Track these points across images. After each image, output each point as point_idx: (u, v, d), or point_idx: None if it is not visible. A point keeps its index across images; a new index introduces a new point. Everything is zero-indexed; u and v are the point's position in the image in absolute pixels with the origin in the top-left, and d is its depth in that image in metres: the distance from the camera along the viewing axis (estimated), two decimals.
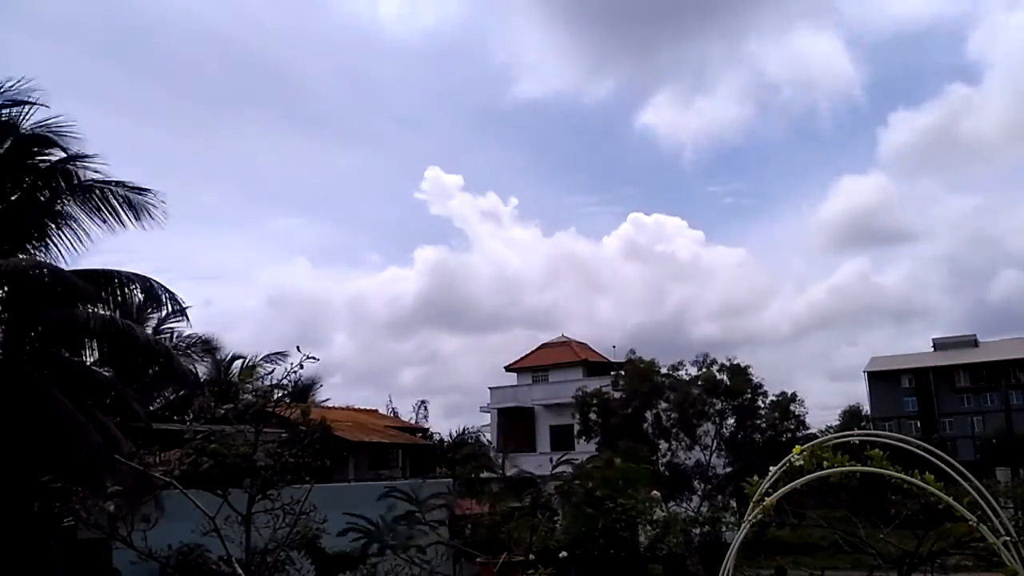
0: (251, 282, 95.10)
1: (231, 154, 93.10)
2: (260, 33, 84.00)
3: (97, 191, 12.96)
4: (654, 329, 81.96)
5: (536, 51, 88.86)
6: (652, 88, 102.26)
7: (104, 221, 13.05)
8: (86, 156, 13.01)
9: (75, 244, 13.23)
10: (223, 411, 8.46)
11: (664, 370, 33.62)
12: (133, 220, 13.16)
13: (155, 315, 19.00)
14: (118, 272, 13.31)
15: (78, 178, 13.03)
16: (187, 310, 14.31)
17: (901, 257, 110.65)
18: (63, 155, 12.95)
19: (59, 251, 13.23)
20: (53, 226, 12.95)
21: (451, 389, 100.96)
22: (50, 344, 12.84)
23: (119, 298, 13.14)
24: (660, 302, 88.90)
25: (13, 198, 12.87)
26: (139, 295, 13.35)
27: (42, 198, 12.82)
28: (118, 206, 13.02)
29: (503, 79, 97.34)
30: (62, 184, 12.93)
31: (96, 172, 13.18)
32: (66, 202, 12.90)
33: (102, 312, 12.70)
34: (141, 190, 13.23)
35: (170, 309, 14.29)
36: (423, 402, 59.80)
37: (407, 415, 54.24)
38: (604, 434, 33.44)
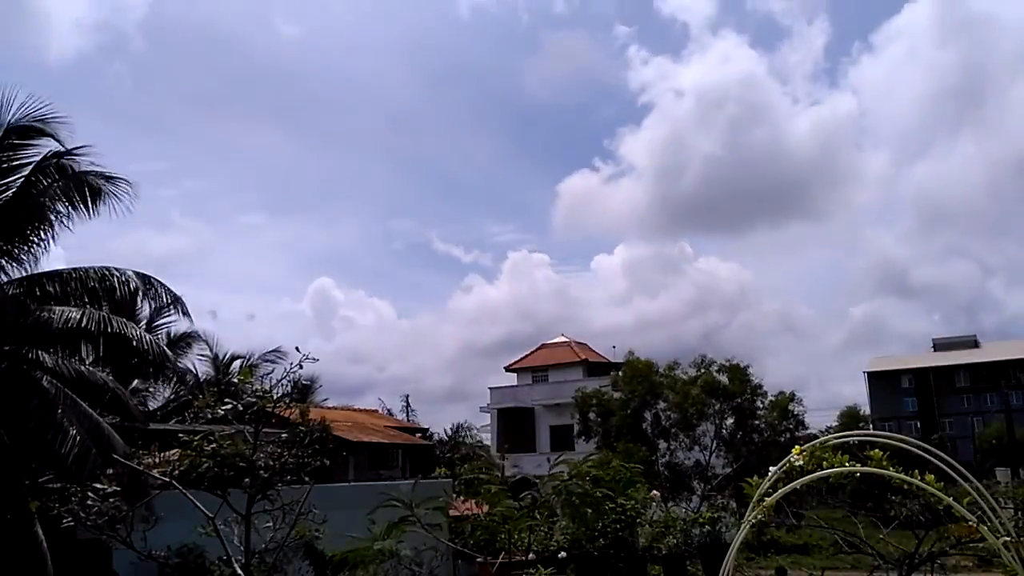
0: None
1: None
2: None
3: (82, 181, 12.83)
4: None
5: None
6: None
7: (76, 208, 12.91)
8: (80, 147, 12.92)
9: (67, 238, 13.21)
10: (222, 411, 8.43)
11: (662, 370, 33.62)
12: (100, 209, 13.05)
13: (149, 311, 19.03)
14: (116, 269, 13.25)
15: (72, 171, 12.94)
16: (185, 305, 14.19)
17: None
18: (54, 145, 12.79)
19: (54, 246, 13.20)
20: (48, 222, 12.86)
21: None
22: (45, 344, 12.78)
23: (116, 296, 13.06)
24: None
25: (9, 193, 12.77)
26: (130, 291, 13.25)
27: (34, 191, 12.70)
28: (93, 195, 12.89)
29: None
30: (57, 178, 12.82)
31: (92, 163, 13.12)
32: (60, 197, 12.80)
33: (96, 311, 12.64)
34: (112, 178, 13.14)
35: (165, 302, 14.21)
36: (406, 396, 60.20)
37: (398, 413, 54.37)
38: (604, 434, 33.45)
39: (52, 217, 12.79)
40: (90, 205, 12.90)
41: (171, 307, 14.63)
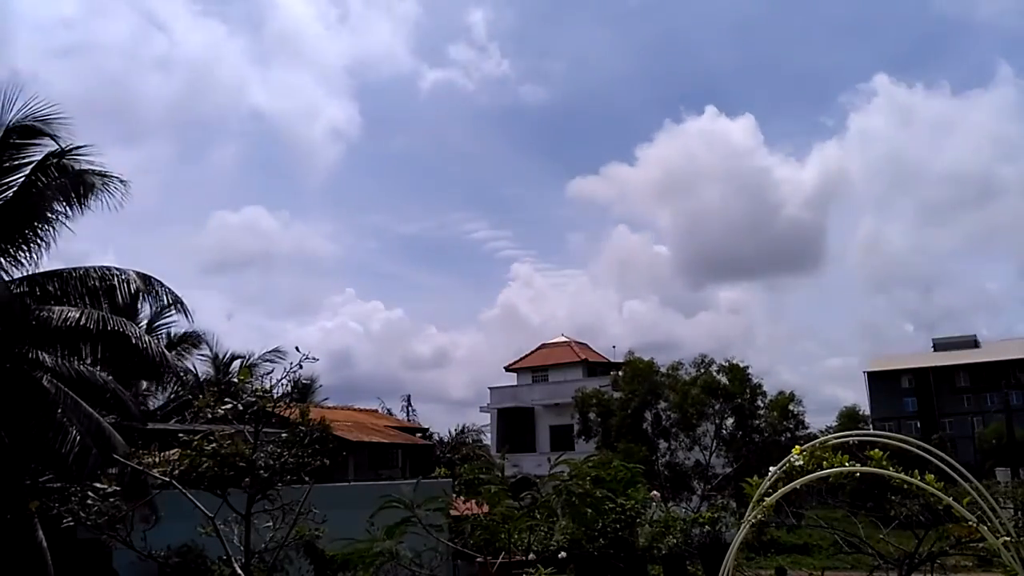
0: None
1: None
2: None
3: (79, 179, 12.83)
4: None
5: None
6: None
7: (71, 205, 12.91)
8: (80, 147, 12.90)
9: (66, 237, 13.20)
10: (222, 411, 8.43)
11: (663, 370, 33.61)
12: (91, 204, 13.07)
13: (150, 312, 19.05)
14: (117, 269, 13.24)
15: (73, 170, 12.93)
16: (185, 305, 14.19)
17: None
18: (53, 145, 12.75)
19: (54, 245, 13.19)
20: (48, 221, 12.84)
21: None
22: (45, 344, 12.78)
23: (116, 295, 13.05)
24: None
25: (9, 192, 12.76)
26: (131, 291, 13.24)
27: (35, 191, 12.68)
28: (86, 191, 12.89)
29: None
30: (57, 177, 12.81)
31: (90, 163, 13.10)
32: (58, 196, 12.79)
33: (96, 310, 12.63)
34: (105, 175, 13.14)
35: (165, 302, 14.20)
36: (408, 397, 60.26)
37: (399, 414, 54.38)
38: (604, 434, 33.46)
39: (52, 217, 12.80)
40: (82, 201, 12.92)
41: (171, 307, 14.62)
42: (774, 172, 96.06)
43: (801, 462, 5.90)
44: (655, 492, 23.45)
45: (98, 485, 8.45)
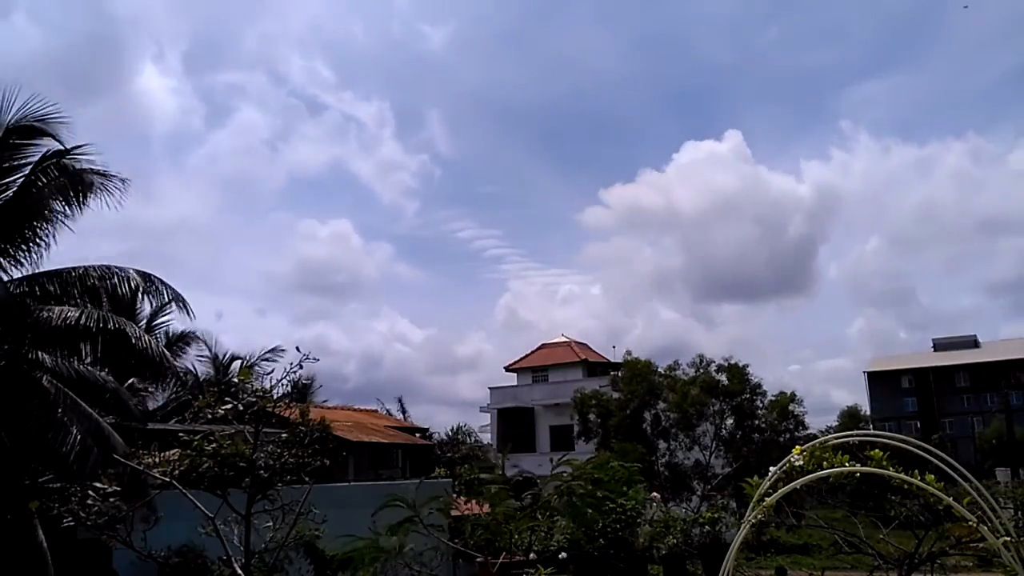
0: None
1: None
2: None
3: (78, 178, 12.81)
4: None
5: None
6: None
7: (70, 204, 12.89)
8: (80, 146, 12.88)
9: (65, 236, 13.19)
10: (222, 411, 8.44)
11: (662, 370, 33.60)
12: (90, 203, 13.06)
13: (150, 312, 19.05)
14: (117, 267, 13.22)
15: (73, 169, 12.92)
16: (187, 303, 14.17)
17: None
18: (54, 144, 12.74)
19: (54, 244, 13.18)
20: (48, 221, 12.84)
21: None
22: (44, 343, 12.77)
23: (117, 294, 13.03)
24: None
25: (9, 192, 12.75)
26: (131, 289, 13.22)
27: (34, 191, 12.68)
28: (85, 190, 12.86)
29: None
30: (56, 176, 12.79)
31: (91, 163, 13.09)
32: (57, 195, 12.78)
33: (95, 309, 12.61)
34: (106, 175, 13.13)
35: (166, 299, 14.18)
36: (400, 399, 60.27)
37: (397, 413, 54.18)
38: (603, 435, 33.45)
39: (52, 216, 12.79)
40: (81, 200, 12.90)
41: (171, 304, 14.59)
42: (773, 194, 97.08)
43: (801, 462, 5.89)
44: (655, 492, 23.45)
45: (98, 485, 8.47)
